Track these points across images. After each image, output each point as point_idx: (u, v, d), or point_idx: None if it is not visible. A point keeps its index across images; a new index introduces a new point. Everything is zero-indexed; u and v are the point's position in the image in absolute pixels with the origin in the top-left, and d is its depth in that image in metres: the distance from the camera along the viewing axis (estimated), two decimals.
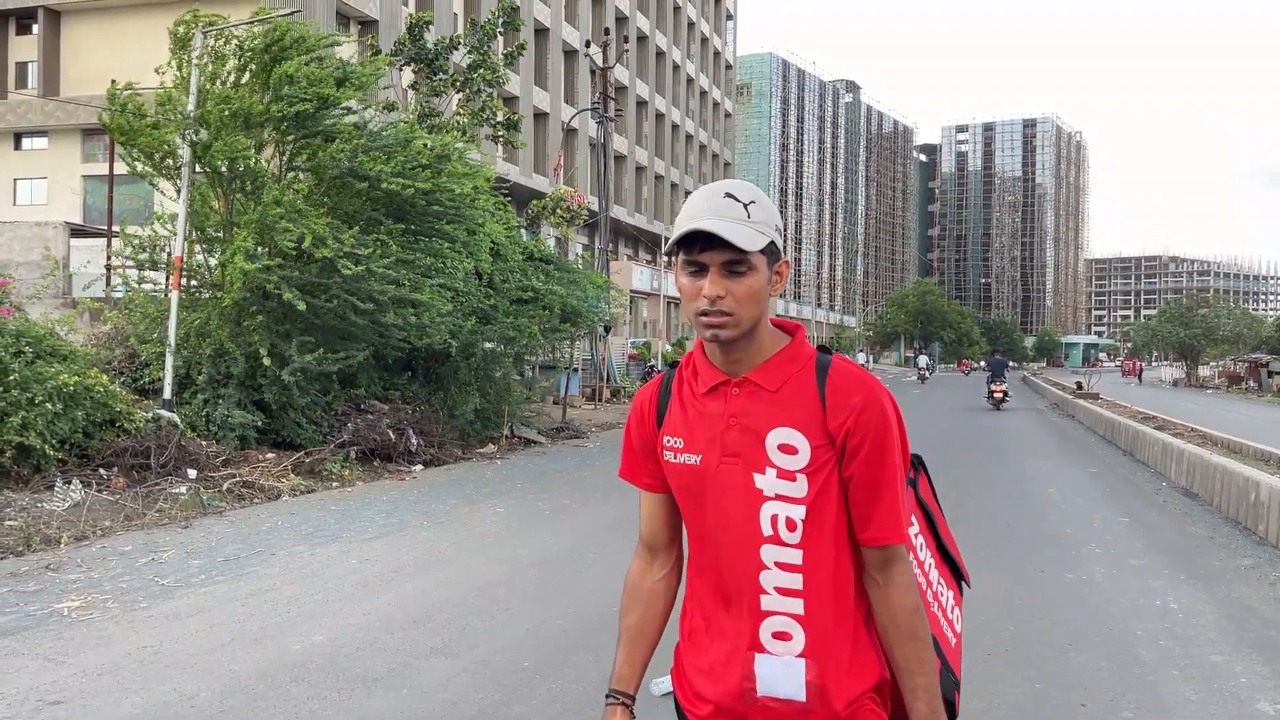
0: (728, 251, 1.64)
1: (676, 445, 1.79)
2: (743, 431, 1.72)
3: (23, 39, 34.56)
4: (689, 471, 1.78)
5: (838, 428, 1.69)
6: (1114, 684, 4.85)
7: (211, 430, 11.75)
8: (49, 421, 9.54)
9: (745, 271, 1.66)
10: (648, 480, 1.91)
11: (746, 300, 1.67)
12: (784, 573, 1.72)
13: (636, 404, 1.92)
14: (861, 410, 1.69)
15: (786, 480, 1.70)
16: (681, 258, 1.70)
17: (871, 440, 1.69)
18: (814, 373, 1.73)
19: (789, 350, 1.77)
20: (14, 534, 7.94)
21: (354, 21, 32.59)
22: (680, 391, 1.84)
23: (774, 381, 1.73)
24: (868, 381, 1.72)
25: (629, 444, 1.94)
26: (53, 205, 33.16)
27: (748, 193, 1.69)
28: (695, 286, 1.68)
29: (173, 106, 12.21)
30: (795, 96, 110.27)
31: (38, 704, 4.41)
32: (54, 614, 5.92)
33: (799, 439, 1.69)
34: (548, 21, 43.04)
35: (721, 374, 1.76)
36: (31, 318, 10.89)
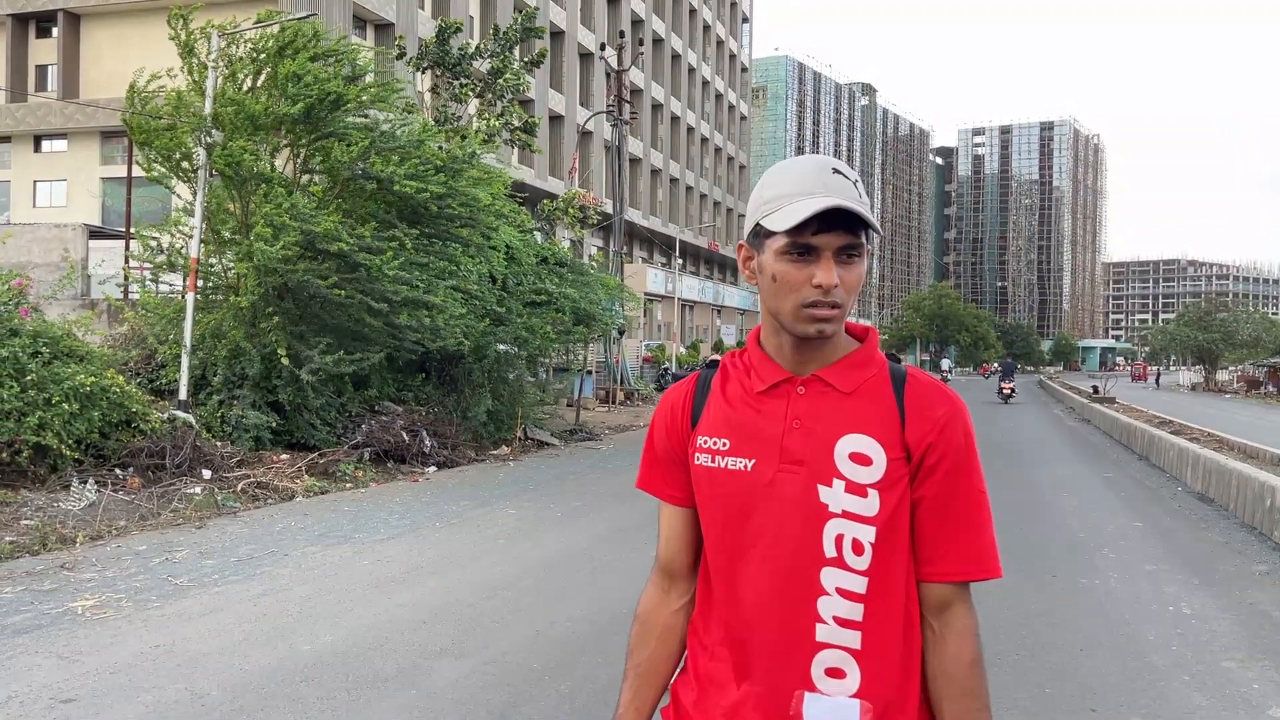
0: (846, 234, 1.45)
1: (719, 447, 1.56)
2: (808, 435, 1.50)
3: (42, 42, 34.89)
4: (736, 479, 1.53)
5: (918, 441, 1.49)
6: (1125, 689, 4.83)
7: (226, 431, 11.82)
8: (66, 421, 9.62)
9: (859, 257, 1.48)
10: (671, 491, 1.66)
11: (854, 290, 1.49)
12: (845, 601, 1.48)
13: (666, 403, 1.68)
14: (945, 425, 1.50)
15: (856, 495, 1.47)
16: (782, 241, 1.47)
17: (953, 459, 1.49)
18: (890, 379, 1.54)
19: (862, 353, 1.56)
20: (30, 533, 8.02)
21: (370, 25, 32.74)
22: (726, 389, 1.61)
23: (847, 383, 1.52)
24: (951, 396, 1.53)
25: (651, 448, 1.69)
26: (72, 207, 33.46)
27: (852, 171, 1.49)
28: (803, 274, 1.46)
29: (186, 109, 12.31)
30: (811, 99, 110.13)
31: (50, 701, 4.45)
32: (68, 613, 5.97)
33: (874, 448, 1.48)
34: (563, 24, 43.14)
35: (784, 371, 1.55)
36: (49, 318, 10.98)
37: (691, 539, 1.66)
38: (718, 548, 1.57)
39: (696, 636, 1.64)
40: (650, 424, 1.72)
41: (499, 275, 15.91)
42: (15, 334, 9.78)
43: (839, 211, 1.43)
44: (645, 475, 1.71)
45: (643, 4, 51.34)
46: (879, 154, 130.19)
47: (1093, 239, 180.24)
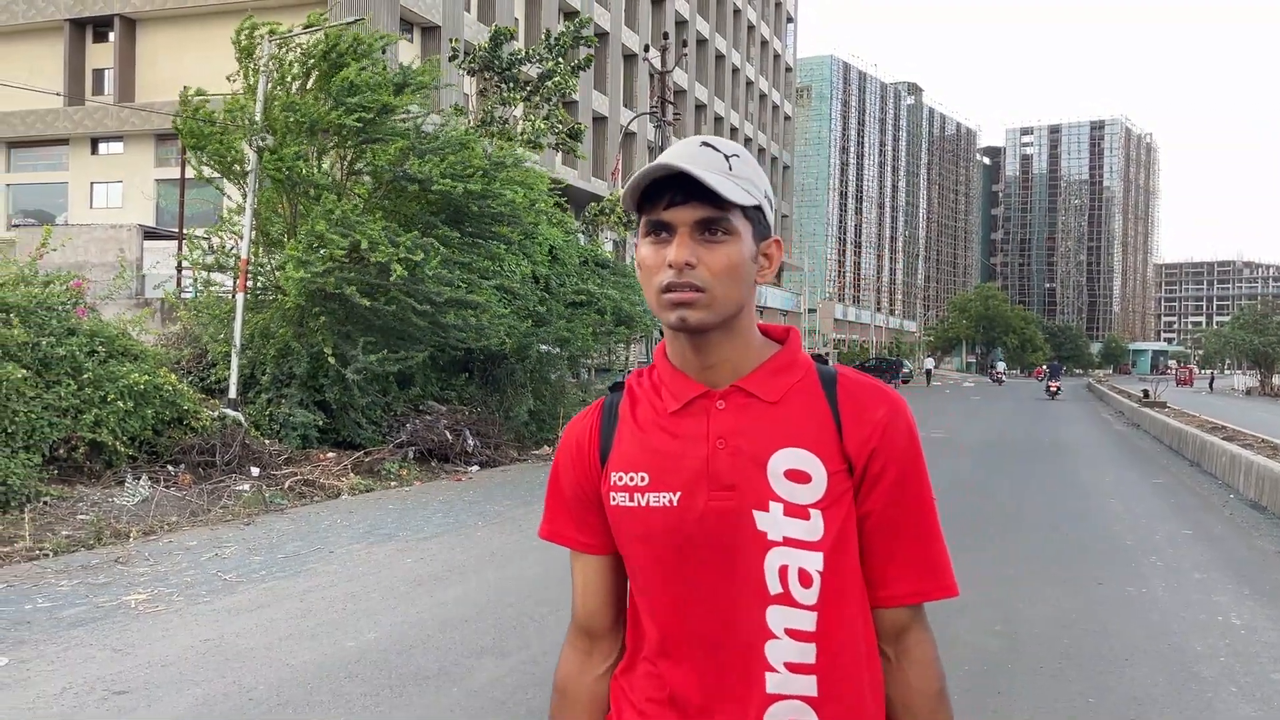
0: (702, 207, 1.28)
1: (637, 483, 1.35)
2: (735, 455, 1.31)
3: (100, 47, 35.66)
4: (661, 517, 1.33)
5: (858, 448, 1.32)
6: (1169, 700, 4.77)
7: (274, 429, 12.03)
8: (120, 419, 9.85)
9: (724, 236, 1.30)
10: (585, 538, 1.44)
11: (724, 274, 1.29)
12: (796, 643, 1.31)
13: (570, 437, 1.47)
14: (887, 426, 1.33)
15: (797, 519, 1.30)
16: (643, 223, 1.33)
17: (899, 465, 1.33)
18: (819, 383, 1.36)
19: (783, 357, 1.39)
20: (86, 528, 8.23)
21: (417, 27, 33.08)
22: (637, 413, 1.40)
23: (771, 390, 1.35)
24: (889, 393, 1.37)
25: (557, 491, 1.47)
26: (127, 208, 34.16)
27: (731, 146, 1.34)
28: (659, 256, 1.30)
29: (240, 113, 12.54)
30: (856, 99, 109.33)
31: (104, 693, 4.58)
32: (121, 606, 6.12)
33: (812, 462, 1.31)
34: (607, 26, 43.26)
35: (698, 385, 1.35)
36: (105, 318, 11.24)
37: (613, 591, 1.46)
38: (647, 596, 1.38)
39: (624, 696, 1.42)
40: (554, 463, 1.50)
41: (542, 276, 16.02)
42: (73, 333, 10.03)
43: (694, 184, 1.27)
44: (552, 523, 1.48)
45: (687, 5, 51.34)
46: (925, 154, 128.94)
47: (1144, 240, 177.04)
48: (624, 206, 1.34)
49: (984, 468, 14.81)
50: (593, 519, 1.43)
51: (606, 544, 1.43)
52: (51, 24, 35.40)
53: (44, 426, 9.16)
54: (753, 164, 1.35)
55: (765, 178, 1.37)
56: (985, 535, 8.98)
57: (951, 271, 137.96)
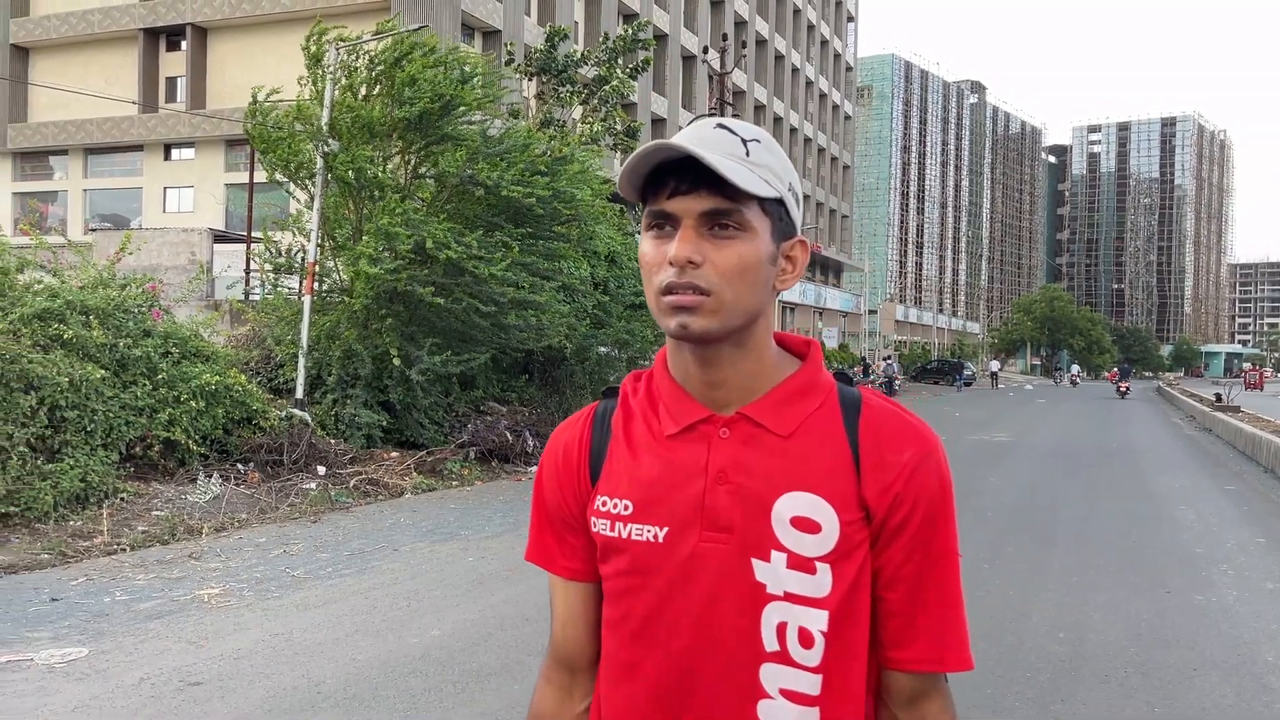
0: (710, 197, 1.11)
1: (620, 511, 1.21)
2: (736, 494, 1.16)
3: (172, 55, 36.63)
4: (644, 552, 1.19)
5: (878, 495, 1.16)
6: (1238, 712, 4.67)
7: (340, 429, 12.27)
8: (193, 418, 10.13)
9: (736, 231, 1.13)
10: (569, 562, 1.29)
11: (734, 275, 1.13)
12: (794, 706, 1.17)
13: (557, 445, 1.31)
14: (915, 471, 1.17)
15: (802, 572, 1.15)
16: (645, 214, 1.17)
17: (924, 516, 1.17)
18: (839, 412, 1.20)
19: (802, 377, 1.22)
20: (160, 524, 8.49)
21: (479, 33, 33.46)
22: (629, 431, 1.25)
23: (783, 422, 1.18)
24: (919, 429, 1.20)
25: (541, 507, 1.33)
26: (198, 212, 35.05)
27: (750, 130, 1.18)
28: (660, 252, 1.14)
29: (307, 118, 12.82)
30: (918, 98, 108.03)
31: (180, 684, 4.73)
32: (195, 600, 6.31)
33: (823, 510, 1.15)
34: (666, 28, 43.31)
35: (701, 408, 1.20)
36: (178, 320, 11.57)
37: (597, 622, 1.30)
38: (623, 640, 1.23)
39: None
40: (537, 474, 1.35)
41: (601, 278, 16.14)
42: (148, 335, 10.34)
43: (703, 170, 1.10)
44: (537, 543, 1.33)
45: (746, 6, 51.20)
46: (988, 153, 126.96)
47: (1218, 239, 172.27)
48: (624, 194, 1.18)
49: (1050, 472, 14.57)
50: (576, 541, 1.28)
51: (590, 571, 1.28)
52: (127, 33, 36.45)
53: (121, 425, 9.46)
54: (777, 151, 1.18)
55: (791, 168, 1.21)
56: (1052, 541, 8.84)
57: (1016, 272, 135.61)
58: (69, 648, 5.25)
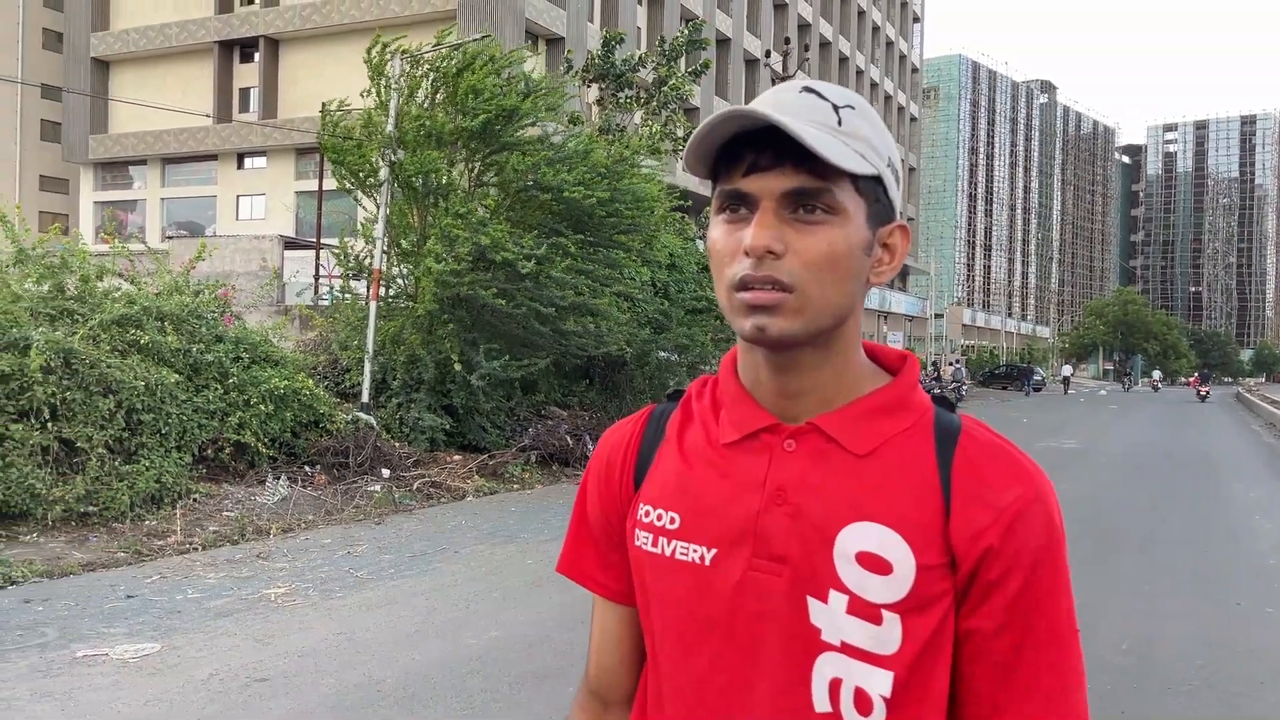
0: (795, 174, 0.93)
1: (664, 525, 1.05)
2: (796, 519, 0.98)
3: (245, 67, 37.61)
4: (685, 574, 1.03)
5: (969, 541, 0.95)
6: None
7: (404, 432, 12.48)
8: (262, 421, 10.39)
9: (825, 215, 0.95)
10: (608, 580, 1.15)
11: (822, 268, 0.95)
12: None
13: (604, 448, 1.17)
14: (1017, 517, 0.95)
15: (865, 621, 0.96)
16: (716, 194, 1.00)
17: (1026, 578, 0.95)
18: (932, 437, 1.00)
19: (891, 392, 1.03)
20: (231, 524, 8.73)
21: (541, 40, 33.78)
22: (684, 437, 1.09)
23: (861, 439, 1.00)
24: (1029, 470, 0.98)
25: (581, 516, 1.18)
26: (270, 219, 35.94)
27: (842, 94, 0.99)
28: (733, 240, 0.97)
29: (374, 128, 13.09)
30: (985, 98, 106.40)
31: (247, 680, 4.87)
32: (263, 599, 6.48)
33: (898, 547, 0.96)
34: (729, 31, 43.30)
35: (766, 413, 1.03)
36: (249, 325, 11.87)
37: (637, 651, 1.15)
38: (661, 662, 1.07)
39: None
40: (582, 479, 1.20)
41: (661, 282, 16.19)
42: (220, 340, 10.63)
43: (786, 142, 0.92)
44: (571, 554, 1.19)
45: (810, 8, 50.95)
46: (1059, 153, 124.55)
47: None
48: (691, 169, 1.00)
49: (1122, 479, 14.25)
50: (615, 556, 1.13)
51: (628, 592, 1.13)
52: (202, 46, 37.52)
53: (194, 428, 9.74)
54: (874, 120, 0.99)
55: (891, 141, 1.02)
56: (1121, 549, 8.66)
57: (1088, 275, 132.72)
58: (143, 643, 5.44)
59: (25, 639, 5.51)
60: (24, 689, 4.69)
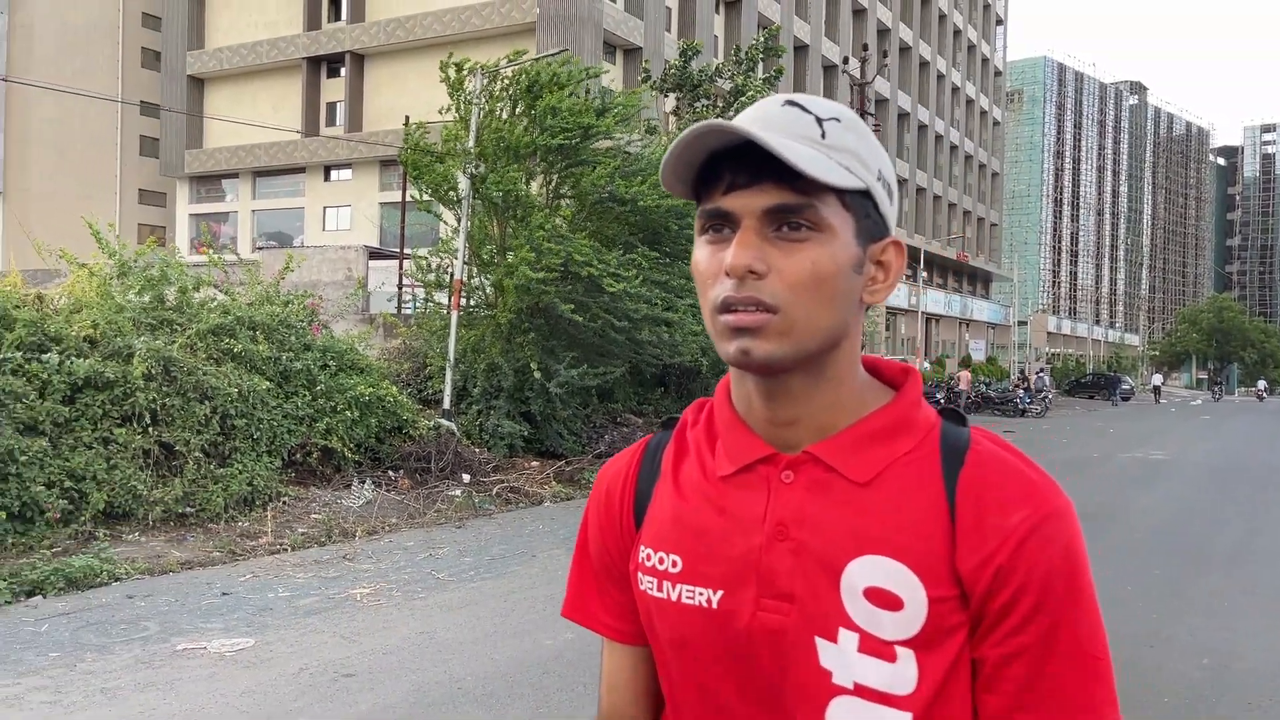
0: (775, 190, 0.90)
1: (667, 568, 1.00)
2: (800, 555, 0.94)
3: (332, 82, 38.70)
4: (692, 619, 0.98)
5: (976, 569, 0.90)
6: None
7: (484, 439, 12.78)
8: (348, 427, 10.76)
9: (809, 232, 0.90)
10: (614, 621, 1.10)
11: (807, 287, 0.90)
12: None
13: (599, 489, 1.12)
14: (1026, 538, 0.90)
15: (878, 659, 0.91)
16: (699, 214, 0.96)
17: (1038, 600, 0.89)
18: (938, 457, 0.95)
19: (891, 412, 0.98)
20: (318, 526, 9.07)
21: (619, 50, 34.11)
22: (679, 471, 1.04)
23: (861, 466, 0.95)
24: (1040, 487, 0.93)
25: (582, 555, 1.13)
26: (355, 230, 36.87)
27: (827, 106, 0.95)
28: (715, 260, 0.93)
29: (455, 143, 13.44)
30: (1072, 101, 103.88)
31: (334, 675, 5.10)
32: (349, 599, 6.75)
33: (906, 581, 0.91)
34: (807, 38, 43.15)
35: (763, 444, 0.98)
36: (335, 334, 12.28)
37: (649, 692, 1.10)
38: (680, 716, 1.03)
39: None
40: (583, 516, 1.15)
41: None
42: (308, 348, 11.03)
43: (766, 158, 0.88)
44: (575, 596, 1.14)
45: (889, 12, 50.47)
46: (1149, 156, 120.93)
47: None
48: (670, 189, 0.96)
49: (1209, 492, 13.86)
50: (620, 596, 1.09)
51: (637, 633, 1.08)
52: (291, 62, 38.71)
53: (284, 433, 10.13)
54: (862, 132, 0.96)
55: (882, 153, 0.97)
56: (1206, 564, 8.47)
57: (1180, 281, 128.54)
58: (237, 638, 5.72)
59: (129, 633, 5.84)
60: (129, 679, 4.99)
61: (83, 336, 9.02)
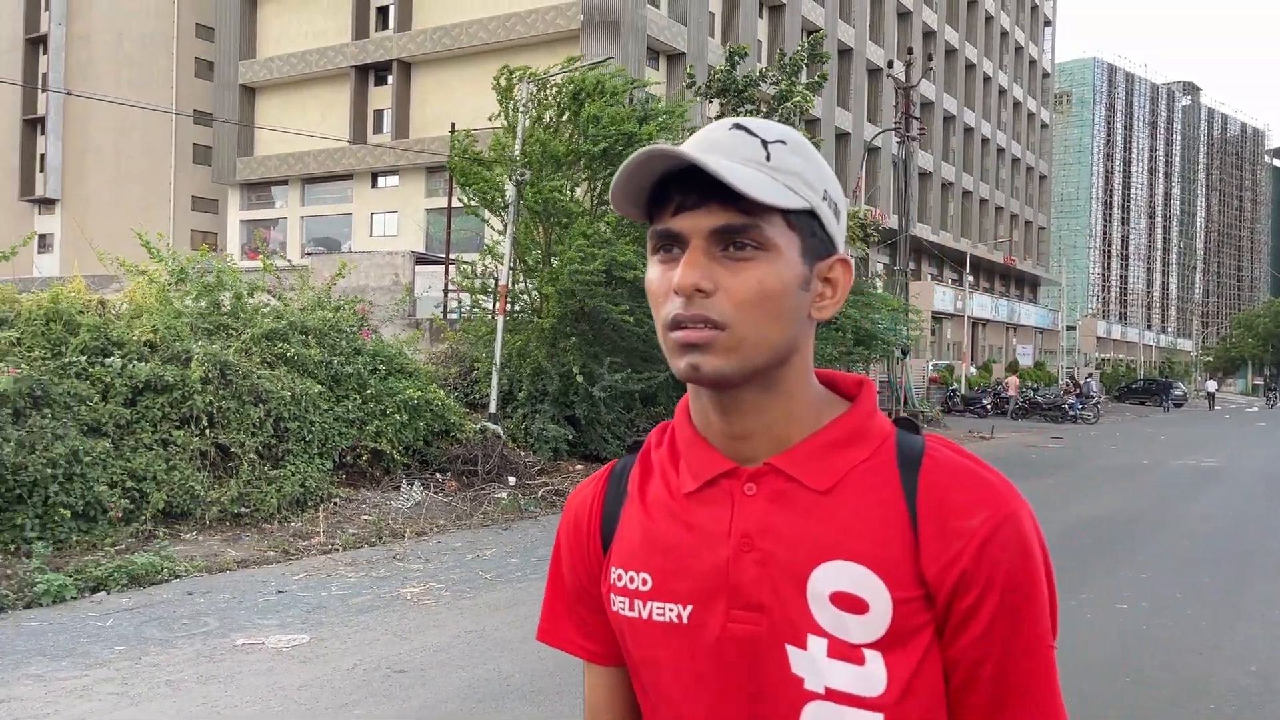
0: (721, 211, 0.93)
1: (638, 587, 1.03)
2: (767, 565, 0.97)
3: (379, 90, 39.27)
4: (665, 635, 1.01)
5: (940, 572, 0.93)
6: None
7: (529, 442, 12.94)
8: (397, 430, 10.96)
9: (754, 251, 0.94)
10: (589, 643, 1.12)
11: (754, 305, 0.94)
12: None
13: (568, 514, 1.14)
14: (987, 541, 0.93)
15: (847, 662, 0.94)
16: (650, 237, 0.99)
17: (1002, 601, 0.93)
18: (895, 464, 0.98)
19: (847, 422, 1.01)
20: (368, 527, 9.26)
21: (663, 55, 34.25)
22: (646, 490, 1.07)
23: (820, 475, 0.98)
24: (997, 489, 0.96)
25: (557, 579, 1.15)
26: (401, 236, 37.37)
27: (773, 129, 0.98)
28: (666, 280, 0.96)
29: (501, 150, 13.64)
30: (1122, 102, 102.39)
31: (387, 671, 5.24)
32: (399, 598, 6.91)
33: (871, 584, 0.94)
34: (851, 42, 43.00)
35: (723, 458, 1.01)
36: (384, 338, 12.50)
37: (629, 710, 1.13)
38: None
39: None
40: (555, 541, 1.16)
41: None
42: (359, 353, 11.25)
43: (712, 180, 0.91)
44: (549, 621, 1.16)
45: (935, 15, 50.14)
46: (1203, 157, 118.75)
47: None
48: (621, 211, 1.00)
49: (1263, 500, 13.64)
50: (594, 619, 1.10)
51: (612, 654, 1.10)
52: (340, 71, 39.34)
53: (335, 436, 10.35)
54: (808, 154, 0.98)
55: (828, 174, 1.01)
56: (1253, 572, 8.37)
57: (1235, 285, 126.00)
58: (293, 634, 5.89)
59: (190, 628, 6.04)
60: (191, 672, 5.17)
61: (143, 341, 9.29)
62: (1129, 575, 8.04)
